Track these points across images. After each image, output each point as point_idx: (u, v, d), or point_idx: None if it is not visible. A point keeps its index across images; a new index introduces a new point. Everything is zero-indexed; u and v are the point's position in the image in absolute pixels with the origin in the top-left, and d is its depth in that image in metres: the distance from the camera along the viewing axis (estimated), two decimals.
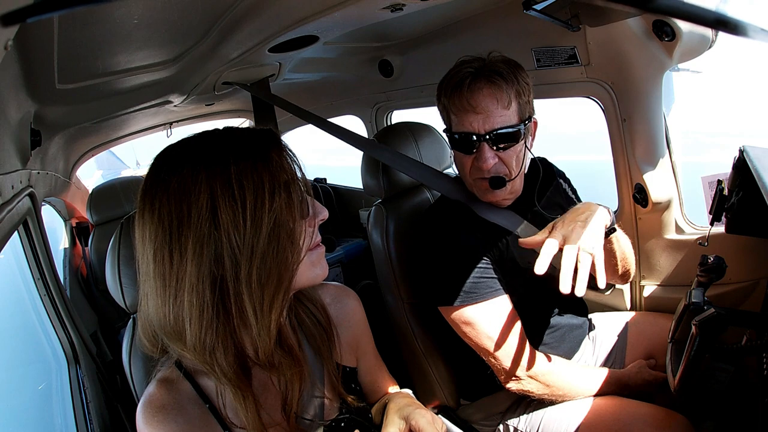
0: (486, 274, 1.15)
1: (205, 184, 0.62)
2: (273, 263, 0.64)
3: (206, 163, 0.63)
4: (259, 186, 0.63)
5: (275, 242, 0.64)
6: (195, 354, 0.66)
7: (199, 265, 0.62)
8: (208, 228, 0.62)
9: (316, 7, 0.98)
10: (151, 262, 0.65)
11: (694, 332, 0.84)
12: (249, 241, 0.63)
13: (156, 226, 0.64)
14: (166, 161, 0.67)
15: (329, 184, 3.01)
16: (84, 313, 2.07)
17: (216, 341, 0.65)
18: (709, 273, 0.96)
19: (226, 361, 0.66)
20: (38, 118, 1.25)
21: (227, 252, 0.62)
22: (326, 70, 1.97)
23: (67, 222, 2.59)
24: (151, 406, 0.71)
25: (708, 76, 1.37)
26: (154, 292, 0.66)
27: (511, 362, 1.14)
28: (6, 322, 1.88)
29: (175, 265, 0.63)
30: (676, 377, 0.91)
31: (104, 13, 0.80)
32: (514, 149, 1.11)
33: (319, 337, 0.83)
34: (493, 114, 1.07)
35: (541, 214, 1.29)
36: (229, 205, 0.62)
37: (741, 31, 0.30)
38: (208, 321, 0.64)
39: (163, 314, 0.66)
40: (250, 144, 0.67)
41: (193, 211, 0.62)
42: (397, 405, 0.82)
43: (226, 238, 0.62)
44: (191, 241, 0.62)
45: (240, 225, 0.62)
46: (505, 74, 1.07)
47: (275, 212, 0.64)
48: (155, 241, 0.64)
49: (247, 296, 0.64)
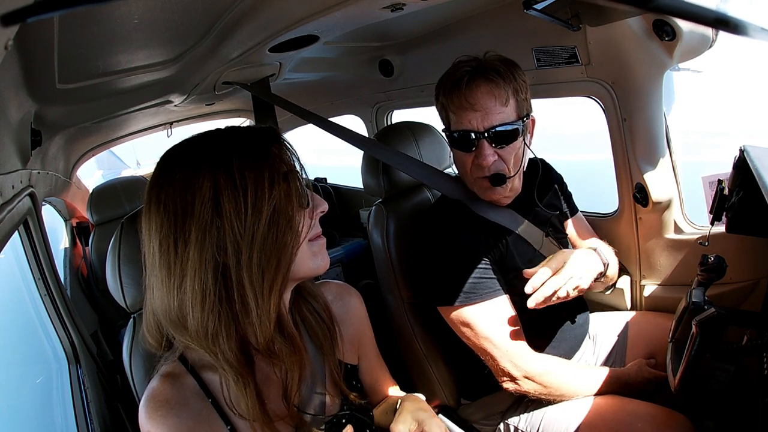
0: (485, 275, 1.15)
1: (208, 176, 0.65)
2: (273, 247, 0.67)
3: (210, 157, 0.67)
4: (259, 176, 0.67)
5: (274, 227, 0.67)
6: (198, 341, 0.68)
7: (201, 251, 0.65)
8: (210, 216, 0.65)
9: (316, 6, 0.98)
10: (156, 253, 0.68)
11: (694, 332, 0.84)
12: (250, 227, 0.66)
13: (162, 216, 0.67)
14: (171, 158, 0.71)
15: (329, 183, 3.01)
16: (84, 313, 2.07)
17: (219, 326, 0.67)
18: (709, 273, 0.96)
19: (228, 347, 0.68)
20: (38, 118, 1.25)
21: (229, 238, 0.65)
22: (326, 69, 1.97)
23: (67, 222, 2.59)
24: (155, 400, 0.72)
25: (703, 75, 1.36)
26: (159, 282, 0.69)
27: (508, 363, 1.14)
28: (6, 322, 1.88)
29: (179, 252, 0.66)
30: (676, 377, 0.91)
31: (104, 13, 0.80)
32: (513, 146, 1.11)
33: (321, 333, 0.84)
34: (492, 111, 1.07)
35: (542, 213, 1.29)
36: (231, 194, 0.65)
37: (741, 31, 0.30)
38: (210, 306, 0.66)
39: (167, 303, 0.68)
40: (251, 139, 0.71)
41: (197, 200, 0.65)
42: (413, 406, 0.83)
43: (228, 225, 0.65)
44: (194, 228, 0.65)
45: (241, 212, 0.65)
46: (502, 72, 1.08)
47: (274, 200, 0.67)
48: (161, 232, 0.67)
49: (248, 280, 0.66)
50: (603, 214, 1.54)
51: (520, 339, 1.16)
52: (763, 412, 0.78)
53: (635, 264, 1.48)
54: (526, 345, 1.17)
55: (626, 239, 1.48)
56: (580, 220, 1.46)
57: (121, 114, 1.88)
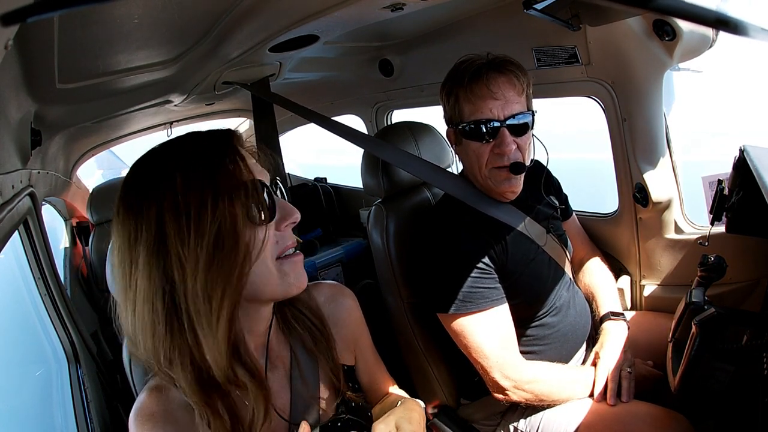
0: (484, 284, 1.14)
1: (153, 199, 0.63)
2: (218, 273, 0.63)
3: (156, 175, 0.65)
4: (203, 195, 0.62)
5: (219, 251, 0.62)
6: (157, 366, 0.67)
7: (150, 277, 0.63)
8: (156, 242, 0.63)
9: (316, 6, 0.98)
10: (118, 276, 0.67)
11: (694, 332, 0.84)
12: (193, 252, 0.62)
13: (118, 239, 0.66)
14: (129, 177, 0.69)
15: (329, 183, 3.01)
16: (84, 313, 2.07)
17: (173, 355, 0.65)
18: (709, 273, 0.96)
19: (183, 377, 0.66)
20: (38, 118, 1.25)
21: (175, 264, 0.62)
22: (326, 69, 1.97)
23: (67, 221, 2.59)
24: (141, 414, 0.71)
25: (700, 75, 1.36)
26: (120, 304, 0.68)
27: (498, 374, 1.15)
28: (6, 322, 1.88)
29: (132, 277, 0.65)
30: (676, 377, 0.91)
31: (104, 13, 0.80)
32: (527, 137, 1.15)
33: (311, 337, 0.83)
34: (511, 100, 1.11)
35: (543, 210, 1.30)
36: (173, 216, 0.62)
37: (742, 31, 0.29)
38: (162, 335, 0.64)
39: (126, 326, 0.68)
40: (199, 152, 0.66)
41: (144, 225, 0.63)
42: (403, 413, 0.80)
43: (173, 250, 0.62)
44: (143, 254, 0.63)
45: (185, 236, 0.62)
46: (516, 65, 1.12)
47: (218, 220, 0.62)
48: (117, 255, 0.66)
49: (194, 310, 0.63)
50: (603, 214, 1.54)
51: (511, 349, 1.16)
52: (763, 412, 0.78)
53: (635, 264, 1.48)
54: (518, 354, 1.17)
55: (626, 239, 1.48)
56: (575, 223, 1.48)
57: (121, 114, 1.88)
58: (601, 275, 1.41)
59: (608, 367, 1.18)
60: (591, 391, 1.18)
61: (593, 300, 1.36)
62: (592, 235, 1.54)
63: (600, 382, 1.17)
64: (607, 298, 1.34)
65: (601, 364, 1.19)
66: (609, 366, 1.18)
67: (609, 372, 1.17)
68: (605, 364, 1.19)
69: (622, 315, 1.30)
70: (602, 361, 1.20)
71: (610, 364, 1.18)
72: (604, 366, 1.18)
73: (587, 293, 1.39)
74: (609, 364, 1.18)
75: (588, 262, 1.45)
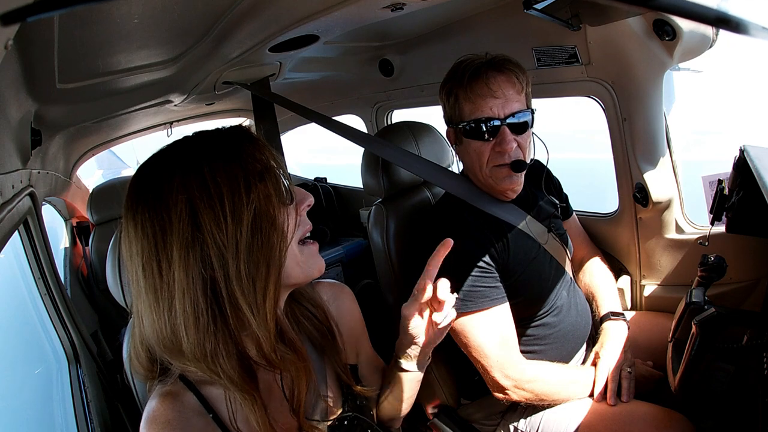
0: (485, 283, 1.14)
1: (181, 189, 0.62)
2: (260, 254, 0.64)
3: (180, 169, 0.64)
4: (233, 180, 0.63)
5: (258, 233, 0.64)
6: (197, 363, 0.65)
7: (187, 270, 0.62)
8: (191, 231, 0.62)
9: (316, 6, 0.98)
10: (141, 278, 0.65)
11: (694, 332, 0.84)
12: (232, 236, 0.62)
13: (141, 240, 0.64)
14: (142, 176, 0.67)
15: (329, 183, 3.01)
16: (84, 313, 2.07)
17: (216, 345, 0.65)
18: (709, 272, 0.96)
19: (229, 365, 0.65)
20: (38, 118, 1.25)
21: (213, 252, 0.62)
22: (327, 69, 1.97)
23: (67, 221, 2.59)
24: (156, 422, 0.69)
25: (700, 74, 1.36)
26: (148, 307, 0.66)
27: (498, 373, 1.15)
28: (6, 322, 1.88)
29: (164, 274, 0.63)
30: (676, 377, 0.91)
31: (104, 13, 0.80)
32: (527, 135, 1.15)
33: (319, 336, 0.83)
34: (511, 99, 1.11)
35: (544, 209, 1.29)
36: (207, 204, 0.62)
37: (742, 30, 0.29)
38: (204, 326, 0.64)
39: (159, 328, 0.65)
40: (220, 143, 0.68)
41: (173, 217, 0.62)
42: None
43: (210, 238, 0.62)
44: (176, 247, 0.62)
45: (221, 222, 0.62)
46: (515, 64, 1.13)
47: (254, 203, 0.64)
48: (142, 256, 0.64)
49: (240, 293, 0.63)
50: (603, 214, 1.54)
51: (512, 348, 1.16)
52: (763, 412, 0.78)
53: (635, 264, 1.48)
54: (518, 353, 1.17)
55: (626, 239, 1.48)
56: (575, 222, 1.48)
57: (121, 114, 1.88)
58: (601, 275, 1.41)
59: (608, 367, 1.18)
60: (591, 390, 1.18)
61: (593, 300, 1.36)
62: (593, 235, 1.54)
63: (600, 382, 1.17)
64: (607, 298, 1.34)
65: (601, 364, 1.19)
66: (609, 366, 1.18)
67: (609, 372, 1.17)
68: (605, 364, 1.19)
69: (622, 315, 1.30)
70: (602, 361, 1.20)
71: (611, 364, 1.18)
72: (605, 366, 1.19)
73: (587, 293, 1.39)
74: (609, 364, 1.18)
75: (588, 262, 1.45)
